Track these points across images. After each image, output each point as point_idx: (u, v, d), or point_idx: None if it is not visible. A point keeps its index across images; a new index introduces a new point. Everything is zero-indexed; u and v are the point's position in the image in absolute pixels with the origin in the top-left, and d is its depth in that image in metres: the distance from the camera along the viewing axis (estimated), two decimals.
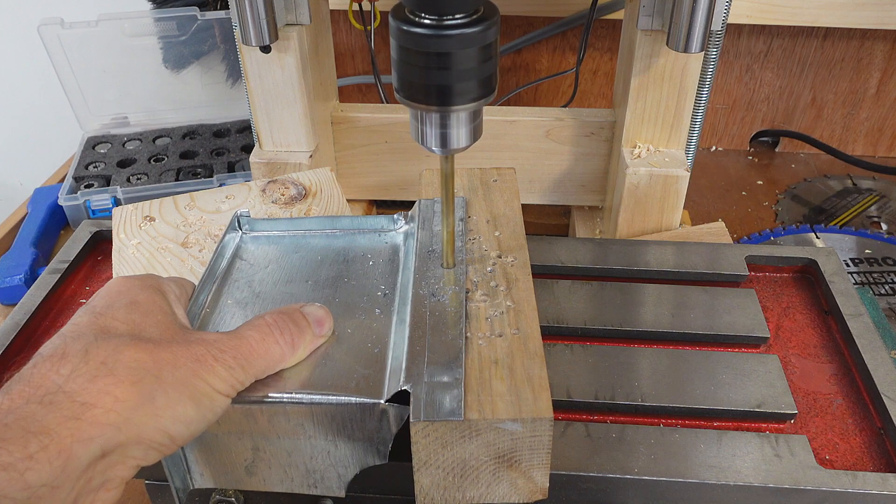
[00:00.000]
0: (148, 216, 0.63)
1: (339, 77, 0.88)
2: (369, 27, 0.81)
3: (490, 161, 0.79)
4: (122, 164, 0.97)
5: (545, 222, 0.91)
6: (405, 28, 0.38)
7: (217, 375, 0.38)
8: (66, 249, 0.66)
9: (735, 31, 0.98)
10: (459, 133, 0.42)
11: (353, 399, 0.41)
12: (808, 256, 0.62)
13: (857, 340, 0.54)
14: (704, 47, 0.62)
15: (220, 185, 0.87)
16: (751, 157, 1.08)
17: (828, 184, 1.01)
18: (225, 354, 0.39)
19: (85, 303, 0.42)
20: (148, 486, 0.53)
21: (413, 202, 0.58)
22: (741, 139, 1.10)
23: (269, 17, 0.64)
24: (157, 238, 0.61)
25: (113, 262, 0.59)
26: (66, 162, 1.07)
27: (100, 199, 0.89)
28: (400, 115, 0.79)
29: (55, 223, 0.92)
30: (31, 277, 0.81)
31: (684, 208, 0.74)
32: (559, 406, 0.49)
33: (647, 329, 0.56)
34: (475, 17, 0.38)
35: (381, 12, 0.89)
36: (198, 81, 1.04)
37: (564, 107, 0.88)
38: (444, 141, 0.42)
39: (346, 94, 1.08)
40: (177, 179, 0.94)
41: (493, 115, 0.78)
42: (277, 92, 0.70)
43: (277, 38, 0.66)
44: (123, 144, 1.01)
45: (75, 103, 1.01)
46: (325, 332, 0.45)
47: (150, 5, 1.03)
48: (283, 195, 0.65)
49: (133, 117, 1.05)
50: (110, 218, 0.64)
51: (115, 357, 0.36)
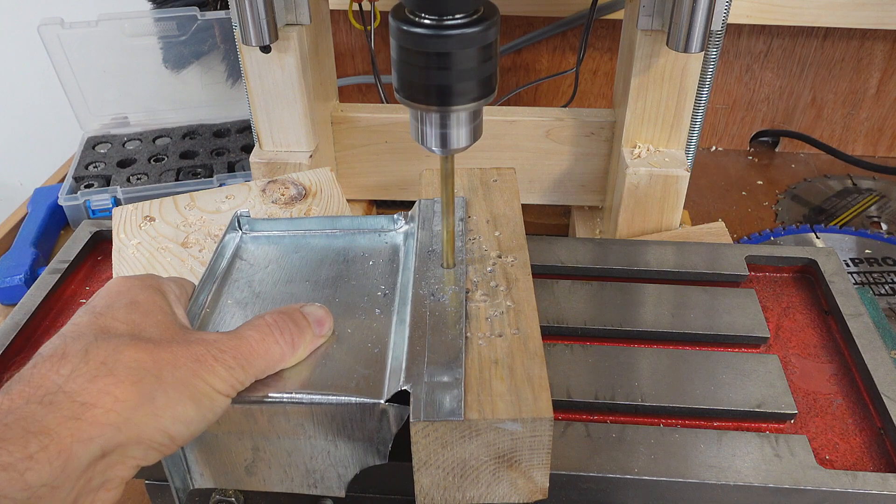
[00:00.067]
0: (148, 216, 0.63)
1: (339, 77, 0.88)
2: (369, 27, 0.81)
3: (490, 161, 0.79)
4: (122, 164, 0.97)
5: (545, 222, 0.91)
6: (405, 28, 0.38)
7: (217, 375, 0.38)
8: (66, 249, 0.66)
9: (735, 31, 0.98)
10: (459, 133, 0.42)
11: (353, 399, 0.41)
12: (808, 256, 0.62)
13: (857, 340, 0.54)
14: (704, 47, 0.62)
15: (220, 185, 0.87)
16: (751, 157, 1.08)
17: (828, 184, 1.01)
18: (225, 354, 0.39)
19: (85, 303, 0.42)
20: (148, 486, 0.53)
21: (413, 202, 0.58)
22: (741, 139, 1.10)
23: (269, 17, 0.64)
24: (157, 238, 0.61)
25: (113, 262, 0.59)
26: (66, 162, 1.07)
27: (100, 199, 0.89)
28: (400, 115, 0.79)
29: (55, 223, 0.92)
30: (31, 277, 0.81)
31: (684, 208, 0.74)
32: (559, 406, 0.49)
33: (647, 329, 0.56)
34: (475, 17, 0.38)
35: (381, 12, 0.89)
36: (198, 81, 1.04)
37: (564, 107, 0.88)
38: (444, 141, 0.43)
39: (346, 94, 1.08)
40: (177, 179, 0.94)
41: (493, 115, 0.78)
42: (277, 92, 0.70)
43: (277, 38, 0.66)
44: (123, 144, 1.01)
45: (75, 103, 1.01)
46: (325, 332, 0.45)
47: (150, 5, 1.03)
48: (283, 195, 0.65)
49: (133, 117, 1.05)
50: (110, 218, 0.64)
51: (115, 357, 0.36)
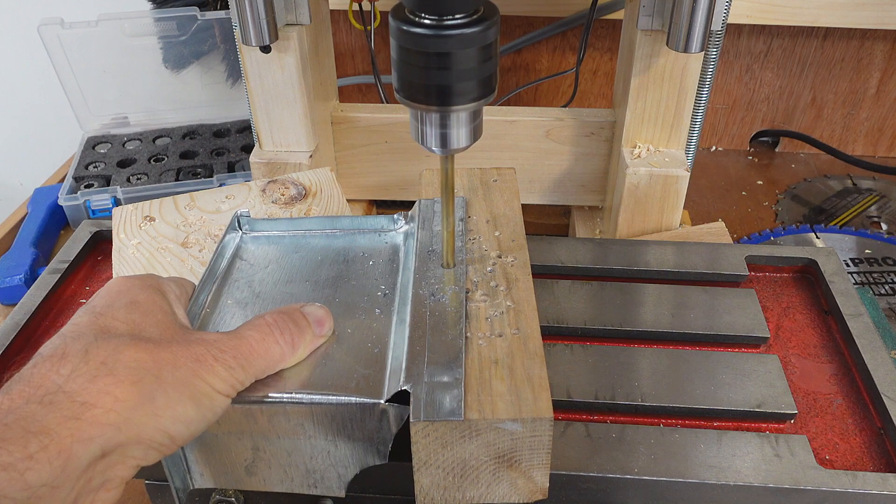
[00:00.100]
0: (148, 216, 0.63)
1: (339, 77, 0.88)
2: (369, 27, 0.81)
3: (490, 161, 0.79)
4: (122, 164, 0.97)
5: (545, 222, 0.91)
6: (405, 28, 0.38)
7: (217, 375, 0.38)
8: (66, 249, 0.66)
9: (735, 31, 0.98)
10: (459, 133, 0.42)
11: (353, 399, 0.41)
12: (808, 256, 0.62)
13: (857, 340, 0.54)
14: (704, 47, 0.62)
15: (220, 185, 0.87)
16: (751, 157, 1.08)
17: (828, 184, 1.01)
18: (225, 354, 0.39)
19: (85, 303, 0.42)
20: (148, 486, 0.53)
21: (413, 202, 0.58)
22: (741, 139, 1.10)
23: (269, 17, 0.64)
24: (157, 238, 0.61)
25: (113, 262, 0.59)
26: (66, 162, 1.07)
27: (100, 199, 0.89)
28: (400, 115, 0.79)
29: (55, 223, 0.92)
30: (31, 277, 0.81)
31: (684, 208, 0.74)
32: (559, 406, 0.49)
33: (647, 329, 0.56)
34: (475, 17, 0.38)
35: (381, 12, 0.89)
36: (198, 81, 1.04)
37: (564, 107, 0.88)
38: (444, 141, 0.43)
39: (346, 94, 1.08)
40: (177, 179, 0.94)
41: (493, 115, 0.78)
42: (277, 92, 0.70)
43: (277, 38, 0.66)
44: (123, 144, 1.01)
45: (75, 103, 1.01)
46: (325, 332, 0.45)
47: (150, 5, 1.03)
48: (283, 195, 0.65)
49: (133, 117, 1.05)
50: (110, 218, 0.64)
51: (115, 357, 0.36)
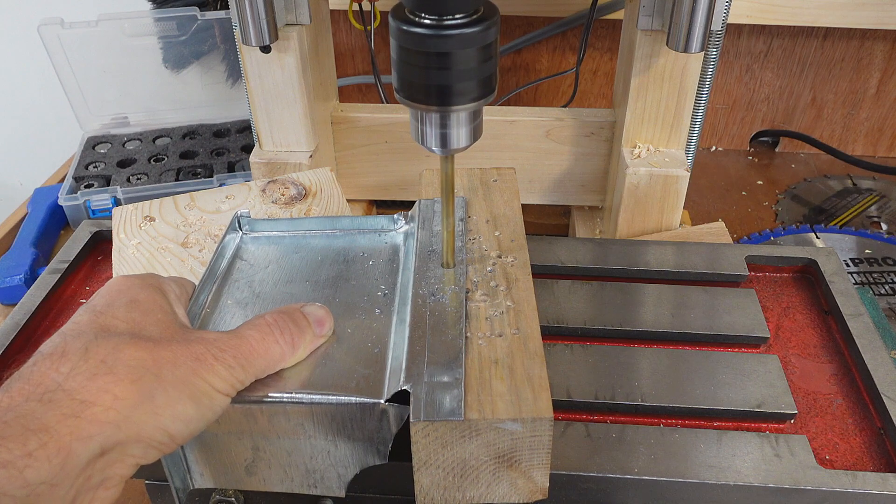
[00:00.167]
0: (148, 216, 0.63)
1: (339, 77, 0.88)
2: (369, 27, 0.81)
3: (490, 161, 0.79)
4: (122, 164, 0.97)
5: (545, 222, 0.91)
6: (405, 28, 0.38)
7: (217, 374, 0.38)
8: (66, 249, 0.66)
9: (735, 31, 0.98)
10: (459, 133, 0.42)
11: (354, 399, 0.41)
12: (808, 256, 0.62)
13: (857, 340, 0.54)
14: (704, 47, 0.62)
15: (220, 185, 0.87)
16: (751, 157, 1.08)
17: (828, 184, 1.01)
18: (225, 353, 0.39)
19: (85, 302, 0.42)
20: (148, 485, 0.53)
21: (413, 202, 0.58)
22: (741, 139, 1.10)
23: (269, 17, 0.64)
24: (157, 238, 0.61)
25: (113, 262, 0.59)
26: (66, 162, 1.07)
27: (100, 199, 0.89)
28: (400, 115, 0.79)
29: (55, 223, 0.92)
30: (31, 277, 0.81)
31: (684, 208, 0.74)
32: (559, 406, 0.49)
33: (647, 329, 0.56)
34: (475, 17, 0.38)
35: (381, 12, 0.89)
36: (198, 81, 1.04)
37: (564, 107, 0.88)
38: (444, 141, 0.43)
39: (346, 94, 1.08)
40: (177, 179, 0.94)
41: (493, 115, 0.78)
42: (277, 92, 0.70)
43: (277, 38, 0.66)
44: (123, 144, 1.01)
45: (75, 103, 1.01)
46: (325, 332, 0.45)
47: (150, 5, 1.03)
48: (283, 195, 0.64)
49: (133, 117, 1.05)
50: (110, 218, 0.64)
51: (115, 355, 0.36)
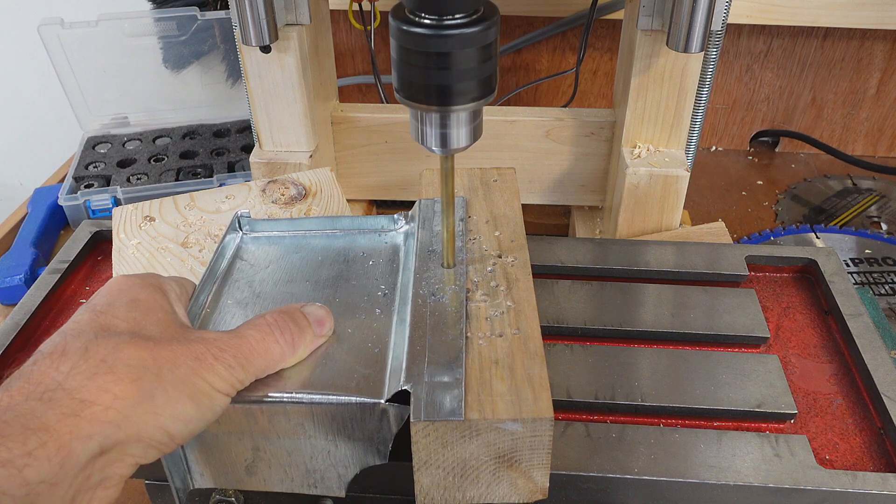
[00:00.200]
0: (148, 216, 0.63)
1: (339, 77, 0.88)
2: (369, 27, 0.81)
3: (490, 161, 0.79)
4: (122, 164, 0.97)
5: (545, 222, 0.91)
6: (405, 28, 0.38)
7: (217, 374, 0.38)
8: (66, 249, 0.66)
9: (735, 31, 0.98)
10: (459, 133, 0.42)
11: (354, 399, 0.41)
12: (808, 256, 0.62)
13: (857, 340, 0.54)
14: (704, 47, 0.62)
15: (220, 185, 0.87)
16: (751, 157, 1.08)
17: (828, 184, 1.01)
18: (225, 353, 0.39)
19: (85, 302, 0.42)
20: (148, 485, 0.53)
21: (413, 202, 0.58)
22: (741, 139, 1.10)
23: (269, 17, 0.64)
24: (157, 238, 0.61)
25: (113, 262, 0.59)
26: (66, 162, 1.07)
27: (100, 199, 0.89)
28: (400, 115, 0.79)
29: (55, 223, 0.92)
30: (31, 277, 0.81)
31: (684, 208, 0.74)
32: (559, 406, 0.49)
33: (647, 329, 0.56)
34: (475, 17, 0.38)
35: (381, 12, 0.89)
36: (198, 81, 1.04)
37: (564, 107, 0.88)
38: (444, 141, 0.43)
39: (346, 94, 1.08)
40: (177, 179, 0.94)
41: (493, 115, 0.78)
42: (277, 92, 0.70)
43: (277, 38, 0.66)
44: (123, 144, 1.01)
45: (75, 103, 1.01)
46: (325, 332, 0.45)
47: (150, 5, 1.03)
48: (283, 195, 0.64)
49: (133, 117, 1.05)
50: (110, 218, 0.64)
51: (115, 355, 0.36)
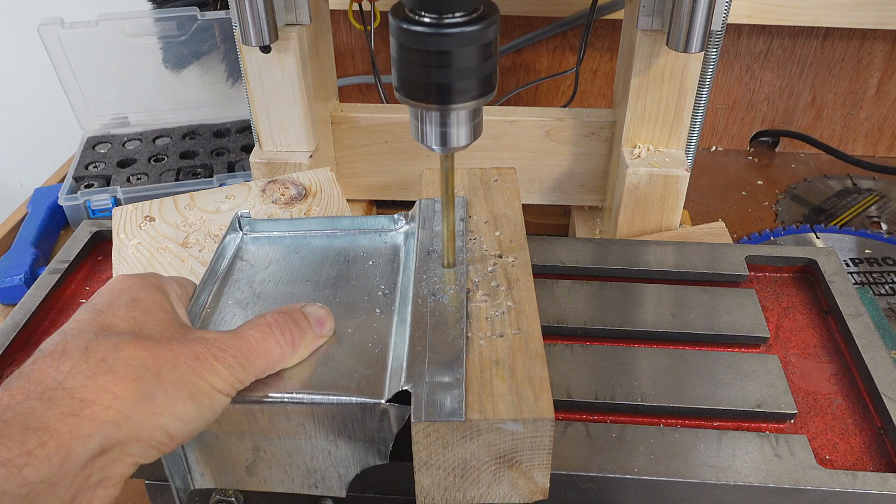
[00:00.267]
0: (148, 216, 0.63)
1: (339, 77, 0.88)
2: (369, 27, 0.81)
3: (490, 161, 0.79)
4: (122, 164, 0.97)
5: (545, 222, 0.91)
6: (405, 26, 0.38)
7: (217, 374, 0.38)
8: (66, 249, 0.66)
9: (735, 31, 0.98)
10: (459, 132, 0.42)
11: (354, 399, 0.41)
12: (808, 256, 0.62)
13: (857, 340, 0.54)
14: (704, 47, 0.62)
15: (220, 185, 0.87)
16: (751, 157, 1.08)
17: (828, 184, 1.01)
18: (225, 353, 0.39)
19: (86, 302, 0.42)
20: (148, 485, 0.53)
21: (413, 202, 0.58)
22: (741, 139, 1.10)
23: (269, 17, 0.64)
24: (157, 238, 0.61)
25: (113, 262, 0.59)
26: (66, 162, 1.07)
27: (100, 199, 0.89)
28: (400, 115, 0.79)
29: (55, 223, 0.92)
30: (31, 277, 0.81)
31: (684, 208, 0.74)
32: (559, 406, 0.49)
33: (647, 329, 0.56)
34: (475, 15, 0.38)
35: (381, 12, 0.89)
36: (198, 81, 1.04)
37: (564, 107, 0.88)
38: (444, 139, 0.42)
39: (346, 94, 1.08)
40: (177, 179, 0.94)
41: (493, 115, 0.78)
42: (277, 92, 0.70)
43: (277, 38, 0.66)
44: (123, 144, 1.01)
45: (75, 103, 1.01)
46: (325, 332, 0.45)
47: (150, 5, 1.03)
48: (283, 195, 0.64)
49: (133, 117, 1.05)
50: (110, 218, 0.64)
51: (115, 354, 0.36)
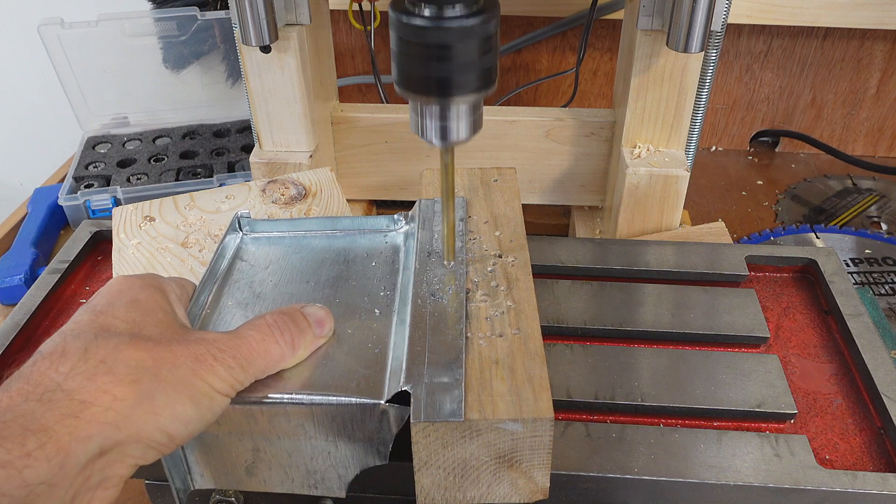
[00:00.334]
0: (148, 216, 0.63)
1: (339, 77, 0.88)
2: (369, 27, 0.81)
3: (490, 161, 0.79)
4: (122, 164, 0.97)
5: (545, 222, 0.91)
6: (406, 20, 0.38)
7: (216, 375, 0.38)
8: (66, 249, 0.66)
9: (735, 31, 0.98)
10: (459, 125, 0.42)
11: (354, 399, 0.41)
12: (808, 256, 0.62)
13: (857, 340, 0.54)
14: (704, 47, 0.62)
15: (220, 185, 0.87)
16: (751, 157, 1.08)
17: (828, 184, 1.01)
18: (225, 354, 0.39)
19: (85, 302, 0.42)
20: (148, 486, 0.53)
21: (413, 202, 0.58)
22: (741, 139, 1.10)
23: (269, 17, 0.64)
24: (157, 238, 0.61)
25: (113, 262, 0.59)
26: (66, 162, 1.07)
27: (100, 199, 0.89)
28: (400, 115, 0.79)
29: (55, 223, 0.92)
30: (31, 277, 0.81)
31: (684, 208, 0.74)
32: (559, 406, 0.49)
33: (647, 329, 0.56)
34: (475, 8, 0.38)
35: (381, 12, 0.89)
36: (198, 81, 1.04)
37: (564, 107, 0.88)
38: (444, 133, 0.42)
39: (346, 94, 1.08)
40: (177, 179, 0.94)
41: (493, 115, 0.78)
42: (277, 92, 0.70)
43: (277, 38, 0.66)
44: (123, 144, 1.01)
45: (75, 103, 1.01)
46: (325, 333, 0.45)
47: (150, 5, 1.03)
48: (283, 195, 0.64)
49: (133, 117, 1.05)
50: (110, 218, 0.64)
51: (115, 355, 0.36)
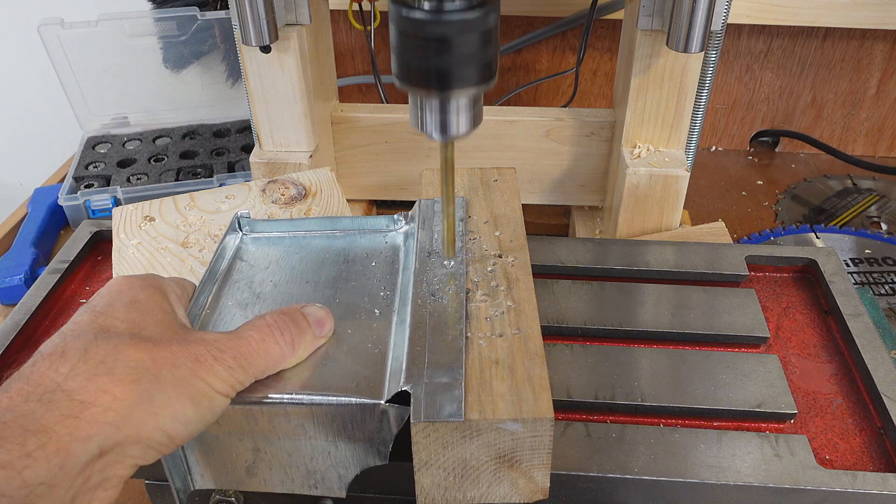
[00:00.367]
0: (148, 216, 0.63)
1: (339, 77, 0.88)
2: (369, 27, 0.81)
3: (490, 161, 0.79)
4: (122, 164, 0.97)
5: (545, 222, 0.91)
6: (405, 12, 0.38)
7: (216, 375, 0.38)
8: (66, 249, 0.66)
9: (735, 31, 0.98)
10: (459, 119, 0.42)
11: (354, 400, 0.41)
12: (808, 256, 0.62)
13: (857, 340, 0.54)
14: (704, 47, 0.62)
15: (220, 185, 0.87)
16: (751, 157, 1.08)
17: (828, 184, 1.01)
18: (224, 354, 0.39)
19: (85, 303, 0.42)
20: (148, 486, 0.53)
21: (413, 202, 0.58)
22: (741, 139, 1.10)
23: (269, 17, 0.64)
24: (157, 238, 0.61)
25: (113, 262, 0.59)
26: (66, 162, 1.07)
27: (100, 199, 0.89)
28: (400, 115, 0.79)
29: (55, 223, 0.92)
30: (31, 277, 0.81)
31: (684, 208, 0.74)
32: (559, 406, 0.49)
33: (647, 329, 0.56)
34: (475, 1, 0.38)
35: (381, 12, 0.89)
36: (198, 81, 1.04)
37: (564, 107, 0.88)
38: (444, 127, 0.42)
39: (346, 94, 1.08)
40: (177, 179, 0.94)
41: (493, 115, 0.78)
42: (277, 92, 0.70)
43: (277, 38, 0.66)
44: (123, 144, 1.01)
45: (75, 103, 1.01)
46: (325, 333, 0.45)
47: (150, 5, 1.03)
48: (283, 195, 0.64)
49: (133, 117, 1.05)
50: (110, 218, 0.64)
51: (115, 356, 0.36)
